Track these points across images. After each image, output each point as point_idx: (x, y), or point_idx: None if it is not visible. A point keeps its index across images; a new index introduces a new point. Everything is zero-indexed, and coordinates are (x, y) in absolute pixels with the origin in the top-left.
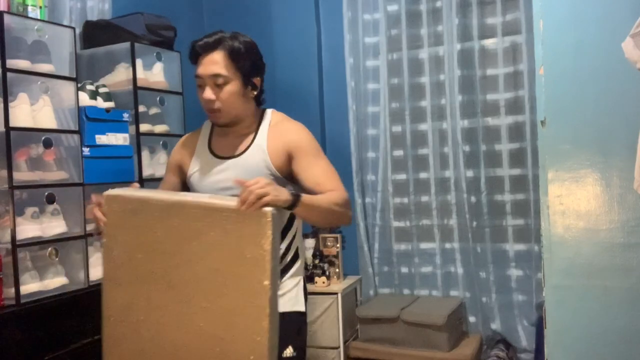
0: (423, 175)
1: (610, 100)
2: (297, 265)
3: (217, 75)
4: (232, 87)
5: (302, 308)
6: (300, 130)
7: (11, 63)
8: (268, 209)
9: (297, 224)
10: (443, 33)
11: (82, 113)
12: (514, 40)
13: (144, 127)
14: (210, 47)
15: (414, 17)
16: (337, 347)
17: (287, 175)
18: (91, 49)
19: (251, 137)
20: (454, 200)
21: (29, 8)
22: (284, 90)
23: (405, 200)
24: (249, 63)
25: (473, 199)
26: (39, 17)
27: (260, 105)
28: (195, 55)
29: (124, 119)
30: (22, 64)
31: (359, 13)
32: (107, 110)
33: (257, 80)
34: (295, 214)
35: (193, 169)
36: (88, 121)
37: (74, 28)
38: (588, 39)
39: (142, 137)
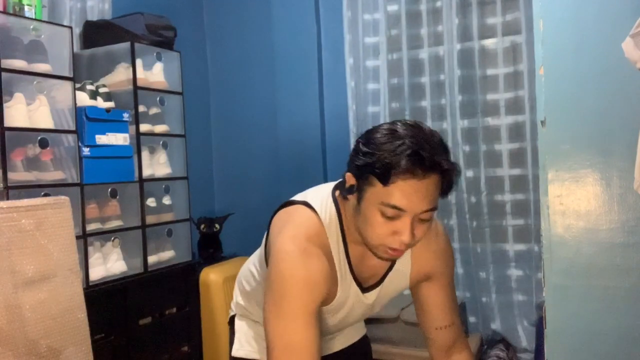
0: None
1: (610, 100)
2: None
3: (431, 211)
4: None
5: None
6: (448, 250)
7: (6, 63)
8: None
9: None
10: (443, 33)
11: (82, 113)
12: (514, 40)
13: (144, 127)
14: (432, 167)
15: (414, 17)
16: None
17: None
18: (91, 48)
19: None
20: (453, 200)
21: (26, 8)
22: (283, 90)
23: None
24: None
25: (473, 199)
26: (34, 17)
27: None
28: (408, 170)
29: (124, 119)
30: (18, 63)
31: (359, 13)
32: (107, 110)
33: None
34: None
35: (338, 301)
36: (88, 121)
37: (71, 27)
38: (588, 39)
39: (142, 137)
